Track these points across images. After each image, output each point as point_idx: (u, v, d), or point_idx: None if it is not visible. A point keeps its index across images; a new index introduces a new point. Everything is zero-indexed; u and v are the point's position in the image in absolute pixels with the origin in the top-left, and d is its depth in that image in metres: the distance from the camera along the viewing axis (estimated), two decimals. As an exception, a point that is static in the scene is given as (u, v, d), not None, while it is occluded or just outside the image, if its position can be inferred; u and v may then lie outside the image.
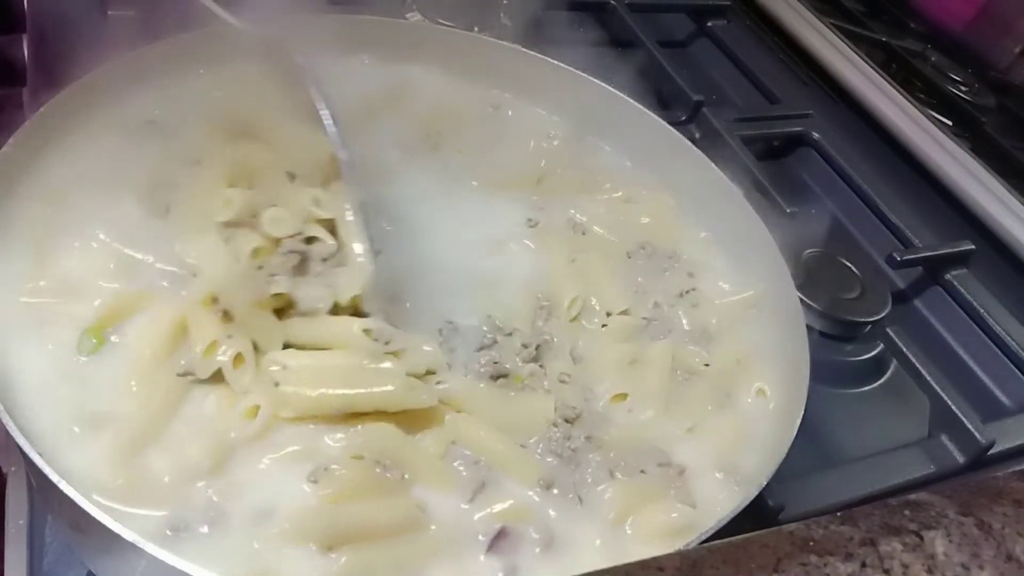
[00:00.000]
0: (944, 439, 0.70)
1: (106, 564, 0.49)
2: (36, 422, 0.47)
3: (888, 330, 0.75)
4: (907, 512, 0.37)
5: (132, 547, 0.40)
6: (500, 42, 0.77)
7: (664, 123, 0.74)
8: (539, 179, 0.72)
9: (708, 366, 0.60)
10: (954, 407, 0.70)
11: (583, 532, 0.50)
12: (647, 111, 0.74)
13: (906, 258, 0.83)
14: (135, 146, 0.62)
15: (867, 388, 0.76)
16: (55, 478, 0.42)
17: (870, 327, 0.76)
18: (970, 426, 0.68)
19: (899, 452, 0.69)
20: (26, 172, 0.57)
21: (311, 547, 0.45)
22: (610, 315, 0.62)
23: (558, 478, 0.51)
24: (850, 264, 0.80)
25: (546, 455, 0.52)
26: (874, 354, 0.76)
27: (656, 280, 0.66)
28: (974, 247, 0.85)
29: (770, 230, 0.66)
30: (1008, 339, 0.79)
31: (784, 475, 0.51)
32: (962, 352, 0.82)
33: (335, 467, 0.48)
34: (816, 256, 0.80)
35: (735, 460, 0.55)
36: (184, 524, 0.45)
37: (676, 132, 0.73)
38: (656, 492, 0.52)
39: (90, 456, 0.46)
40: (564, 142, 0.76)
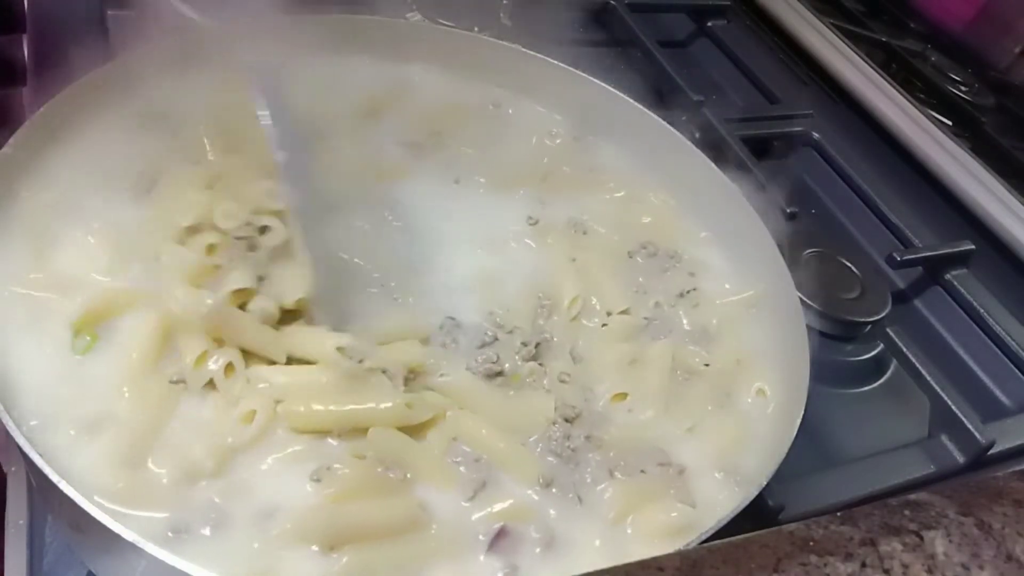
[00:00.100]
0: (944, 439, 0.70)
1: (106, 564, 0.49)
2: (36, 422, 0.47)
3: (888, 330, 0.75)
4: (907, 512, 0.37)
5: (132, 547, 0.40)
6: (500, 42, 0.77)
7: (664, 123, 0.74)
8: (543, 176, 0.72)
9: (708, 366, 0.60)
10: (954, 407, 0.70)
11: (583, 532, 0.50)
12: (647, 111, 0.74)
13: (906, 258, 0.83)
14: (135, 146, 0.62)
15: (867, 388, 0.76)
16: (55, 478, 0.42)
17: (870, 327, 0.76)
18: (970, 426, 0.68)
19: (899, 452, 0.69)
20: (26, 172, 0.57)
21: (313, 547, 0.45)
22: (610, 314, 0.62)
23: (558, 477, 0.51)
24: (850, 264, 0.80)
25: (546, 454, 0.52)
26: (874, 354, 0.76)
27: (657, 280, 0.66)
28: (974, 247, 0.85)
29: (770, 230, 0.66)
30: (1008, 339, 0.79)
31: (784, 475, 0.51)
32: (962, 352, 0.82)
33: (338, 466, 0.48)
34: (816, 256, 0.80)
35: (735, 460, 0.55)
36: (185, 526, 0.45)
37: (676, 132, 0.73)
38: (656, 492, 0.52)
39: (90, 458, 0.46)
40: (565, 141, 0.76)
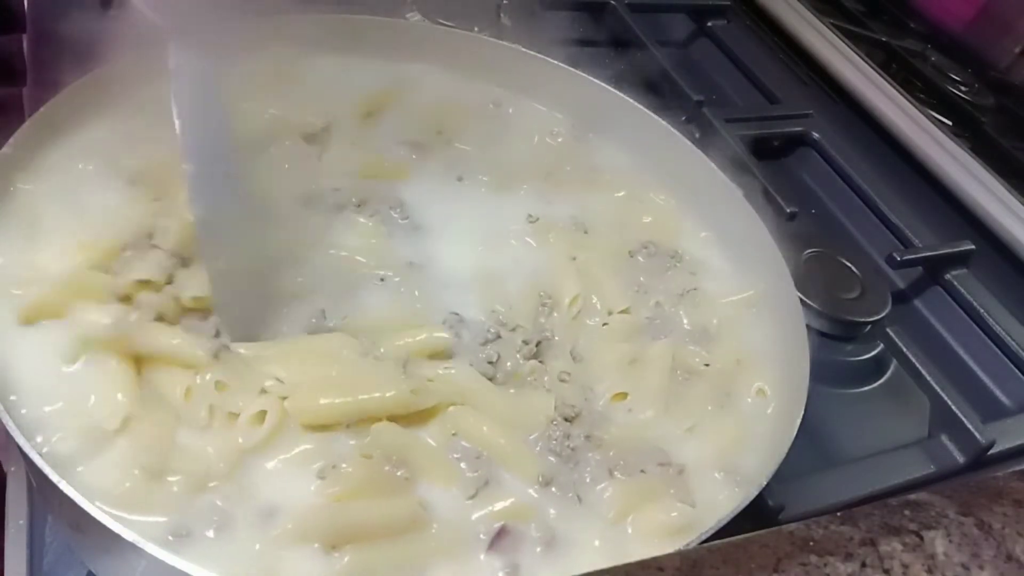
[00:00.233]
0: (944, 439, 0.70)
1: (106, 564, 0.49)
2: (36, 422, 0.46)
3: (888, 330, 0.75)
4: (907, 512, 0.37)
5: (132, 547, 0.40)
6: (500, 42, 0.77)
7: (664, 123, 0.74)
8: (544, 175, 0.72)
9: (708, 366, 0.60)
10: (954, 407, 0.70)
11: (583, 531, 0.50)
12: (647, 111, 0.74)
13: (906, 258, 0.83)
14: (135, 146, 0.62)
15: (867, 388, 0.76)
16: (55, 478, 0.42)
17: (870, 327, 0.76)
18: (970, 426, 0.68)
19: (899, 452, 0.69)
20: (26, 172, 0.57)
21: (314, 547, 0.45)
22: (611, 314, 0.62)
23: (557, 476, 0.51)
24: (850, 264, 0.80)
25: (545, 453, 0.52)
26: (874, 354, 0.76)
27: (657, 279, 0.66)
28: (974, 247, 0.85)
29: (770, 230, 0.66)
30: (1008, 339, 0.79)
31: (784, 475, 0.51)
32: (962, 352, 0.82)
33: (344, 466, 0.48)
34: (816, 256, 0.80)
35: (735, 460, 0.55)
36: (187, 529, 0.45)
37: (676, 132, 0.73)
38: (656, 492, 0.52)
39: (93, 461, 0.46)
40: (566, 140, 0.76)
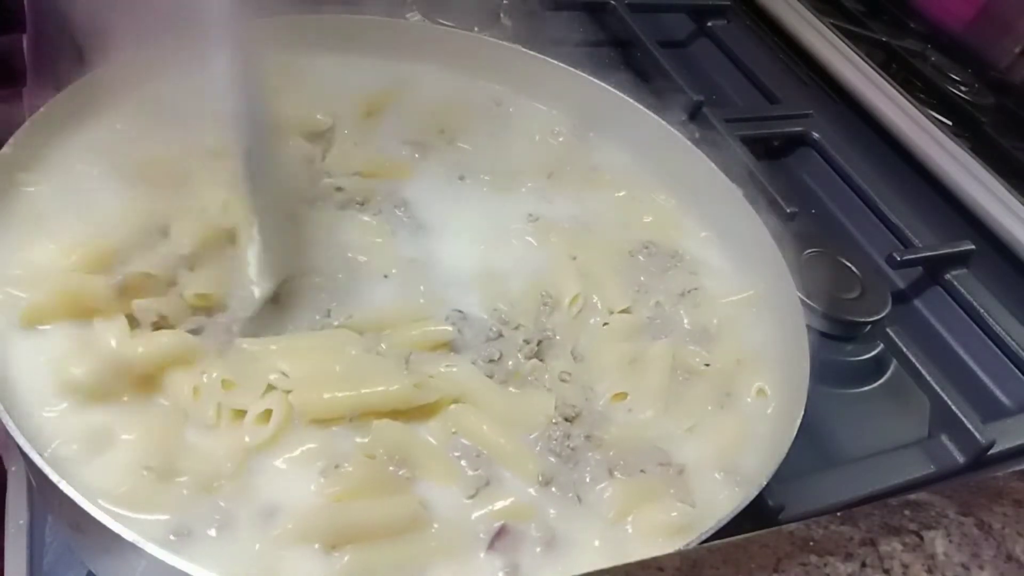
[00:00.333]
0: (944, 439, 0.70)
1: (106, 564, 0.49)
2: (36, 422, 0.46)
3: (888, 330, 0.75)
4: (907, 512, 0.37)
5: (132, 547, 0.40)
6: (500, 42, 0.77)
7: (664, 123, 0.73)
8: (546, 174, 0.72)
9: (708, 366, 0.60)
10: (954, 407, 0.70)
11: (583, 531, 0.50)
12: (647, 111, 0.74)
13: (906, 258, 0.83)
14: (136, 146, 0.62)
15: (867, 388, 0.76)
16: (55, 478, 0.42)
17: (870, 327, 0.76)
18: (970, 426, 0.68)
19: (899, 452, 0.69)
20: (27, 172, 0.57)
21: (315, 547, 0.45)
22: (612, 313, 0.62)
23: (557, 476, 0.51)
24: (850, 264, 0.80)
25: (546, 453, 0.52)
26: (874, 354, 0.76)
27: (658, 279, 0.66)
28: (974, 247, 0.85)
29: (770, 230, 0.66)
30: (1008, 339, 0.79)
31: (784, 475, 0.51)
32: (962, 352, 0.82)
33: (346, 466, 0.48)
34: (816, 256, 0.80)
35: (735, 460, 0.55)
36: (188, 529, 0.44)
37: (676, 132, 0.73)
38: (656, 491, 0.52)
39: (95, 461, 0.46)
40: (567, 140, 0.76)
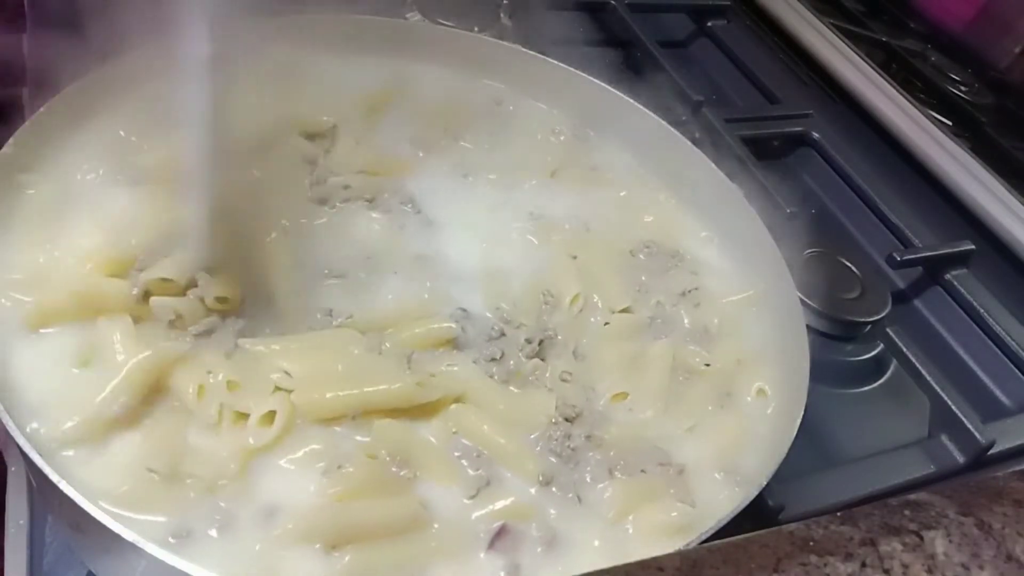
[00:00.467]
0: (944, 439, 0.70)
1: (106, 564, 0.49)
2: (36, 422, 0.46)
3: (888, 330, 0.75)
4: (907, 512, 0.37)
5: (132, 547, 0.40)
6: (500, 42, 0.77)
7: (664, 123, 0.73)
8: (549, 173, 0.72)
9: (708, 366, 0.60)
10: (954, 407, 0.70)
11: (583, 531, 0.50)
12: (647, 111, 0.74)
13: (906, 258, 0.83)
14: (138, 146, 0.62)
15: (867, 388, 0.76)
16: (55, 478, 0.42)
17: (870, 327, 0.76)
18: (970, 426, 0.68)
19: (899, 452, 0.69)
20: (27, 172, 0.57)
21: (315, 547, 0.45)
22: (613, 313, 0.62)
23: (557, 476, 0.51)
24: (850, 264, 0.80)
25: (546, 453, 0.52)
26: (874, 354, 0.76)
27: (659, 279, 0.66)
28: (974, 247, 0.85)
29: (770, 230, 0.66)
30: (1008, 339, 0.79)
31: (784, 475, 0.51)
32: (962, 352, 0.82)
33: (347, 466, 0.48)
34: (816, 256, 0.80)
35: (735, 460, 0.55)
36: (189, 529, 0.44)
37: (676, 132, 0.73)
38: (656, 491, 0.52)
39: (95, 461, 0.46)
40: (568, 140, 0.76)
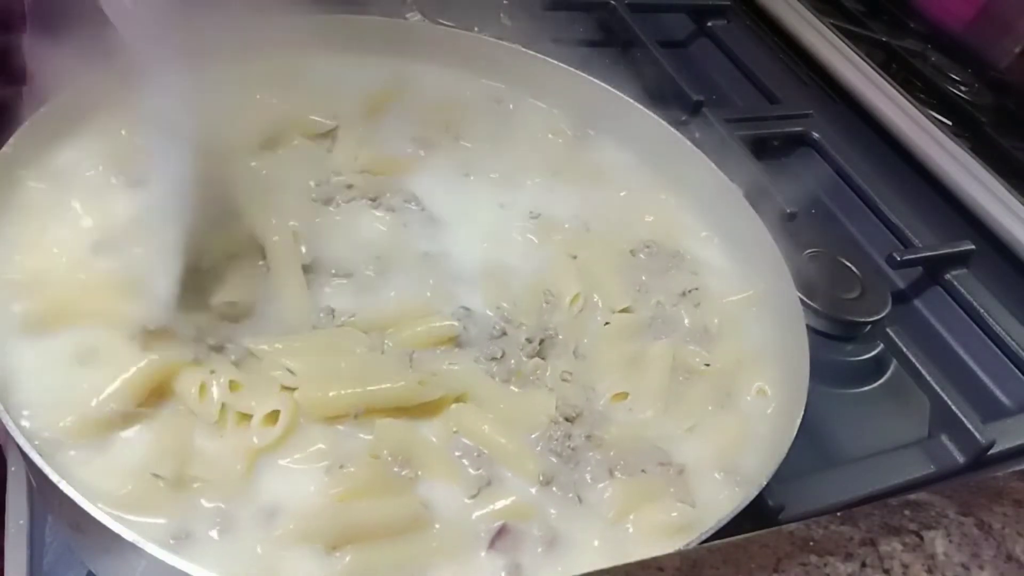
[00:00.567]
0: (944, 439, 0.69)
1: (106, 564, 0.49)
2: (36, 422, 0.46)
3: (888, 330, 0.75)
4: (907, 512, 0.37)
5: (132, 547, 0.40)
6: (501, 42, 0.77)
7: (664, 123, 0.73)
8: (551, 172, 0.72)
9: (708, 366, 0.60)
10: (954, 407, 0.70)
11: (583, 531, 0.50)
12: (647, 111, 0.74)
13: (906, 258, 0.83)
14: (135, 146, 0.62)
15: (867, 388, 0.76)
16: (55, 478, 0.42)
17: (870, 327, 0.76)
18: (970, 426, 0.68)
19: (899, 452, 0.69)
20: (27, 172, 0.57)
21: (315, 547, 0.45)
22: (613, 312, 0.62)
23: (558, 476, 0.51)
24: (850, 264, 0.80)
25: (547, 454, 0.52)
26: (874, 354, 0.76)
27: (659, 279, 0.66)
28: (974, 247, 0.85)
29: (770, 230, 0.66)
30: (1008, 339, 0.79)
31: (784, 475, 0.51)
32: (962, 352, 0.82)
33: (349, 466, 0.48)
34: (816, 256, 0.80)
35: (735, 460, 0.55)
36: (190, 530, 0.44)
37: (676, 132, 0.73)
38: (656, 491, 0.52)
39: (95, 462, 0.46)
40: (568, 139, 0.76)
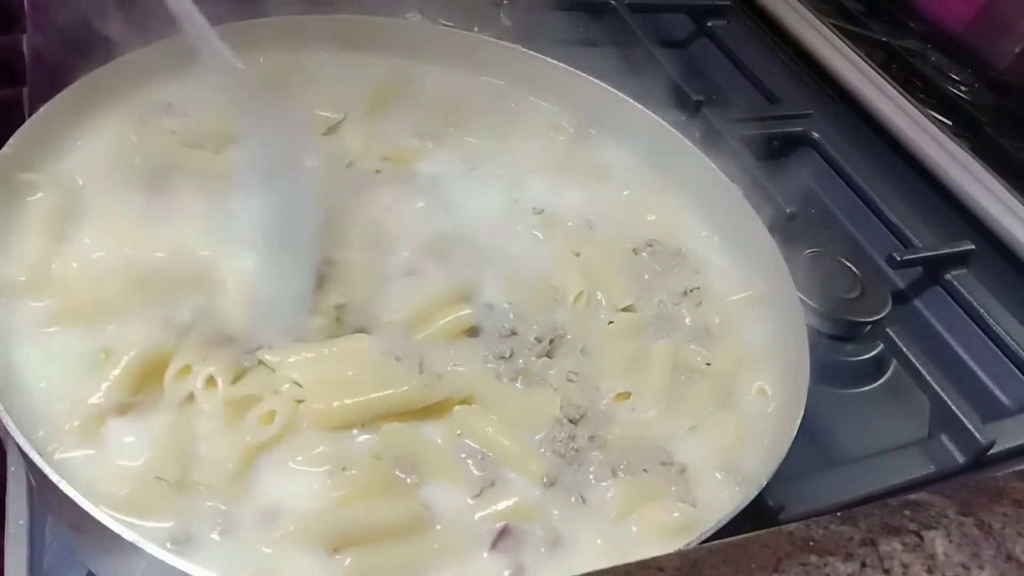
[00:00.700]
0: (944, 439, 0.69)
1: (106, 564, 0.49)
2: (36, 422, 0.46)
3: (888, 330, 0.75)
4: (907, 512, 0.37)
5: (132, 547, 0.40)
6: (501, 42, 0.77)
7: (664, 123, 0.74)
8: (554, 170, 0.72)
9: (709, 365, 0.60)
10: (954, 407, 0.70)
11: (585, 531, 0.50)
12: (647, 111, 0.74)
13: (906, 258, 0.83)
14: (135, 146, 0.62)
15: (867, 388, 0.76)
16: (55, 478, 0.42)
17: (870, 327, 0.76)
18: (970, 426, 0.68)
19: (899, 452, 0.69)
20: (28, 172, 0.57)
21: (316, 548, 0.45)
22: (617, 311, 0.62)
23: (561, 477, 0.51)
24: (850, 264, 0.80)
25: (550, 455, 0.52)
26: (874, 354, 0.76)
27: (662, 277, 0.66)
28: (974, 247, 0.85)
29: (770, 230, 0.66)
30: (1008, 339, 0.79)
31: (784, 475, 0.51)
32: (962, 352, 0.82)
33: (352, 469, 0.48)
34: (816, 256, 0.80)
35: (736, 460, 0.55)
36: (190, 531, 0.44)
37: (676, 132, 0.73)
38: (658, 491, 0.52)
39: (96, 462, 0.46)
40: (569, 139, 0.76)
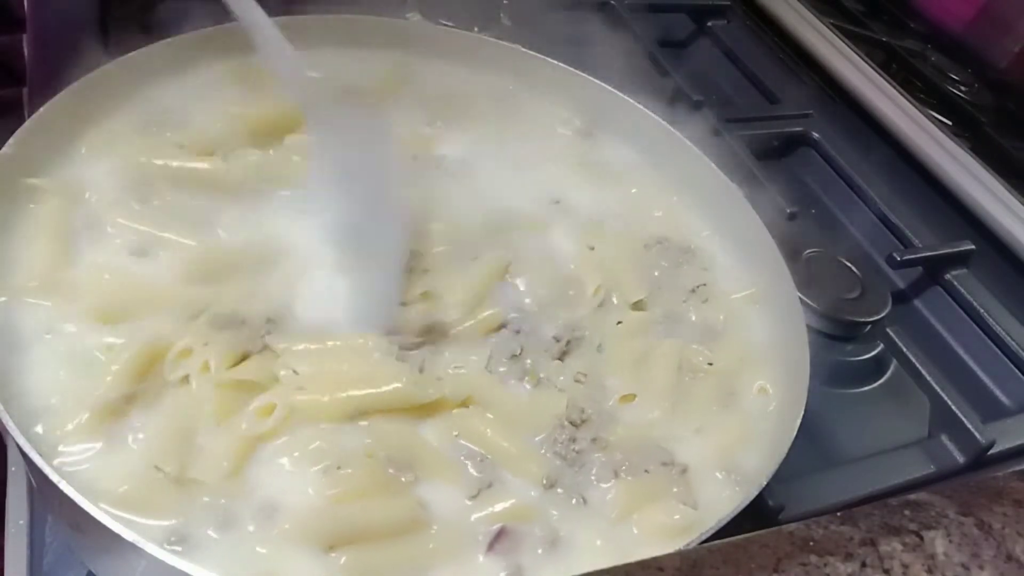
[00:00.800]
0: (944, 439, 0.69)
1: (106, 564, 0.49)
2: (36, 422, 0.46)
3: (888, 330, 0.75)
4: (907, 512, 0.37)
5: (132, 547, 0.40)
6: (501, 42, 0.77)
7: (664, 123, 0.74)
8: (557, 168, 0.72)
9: (712, 365, 0.60)
10: (954, 407, 0.70)
11: (585, 532, 0.50)
12: (647, 111, 0.74)
13: (906, 258, 0.83)
14: (136, 146, 0.62)
15: (867, 388, 0.76)
16: (55, 478, 0.42)
17: (870, 327, 0.76)
18: (970, 426, 0.68)
19: (899, 452, 0.69)
20: (26, 172, 0.57)
21: (312, 547, 0.45)
22: (628, 305, 0.62)
23: (561, 478, 0.51)
24: (850, 264, 0.80)
25: (551, 457, 0.52)
26: (874, 354, 0.76)
27: (671, 274, 0.66)
28: (974, 247, 0.85)
29: (770, 230, 0.66)
30: (1008, 339, 0.79)
31: (784, 475, 0.51)
32: (962, 352, 0.82)
33: (347, 468, 0.48)
34: (816, 256, 0.80)
35: (736, 460, 0.55)
36: (188, 529, 0.44)
37: (676, 132, 0.73)
38: (659, 491, 0.52)
39: (95, 461, 0.46)
40: (572, 138, 0.76)
